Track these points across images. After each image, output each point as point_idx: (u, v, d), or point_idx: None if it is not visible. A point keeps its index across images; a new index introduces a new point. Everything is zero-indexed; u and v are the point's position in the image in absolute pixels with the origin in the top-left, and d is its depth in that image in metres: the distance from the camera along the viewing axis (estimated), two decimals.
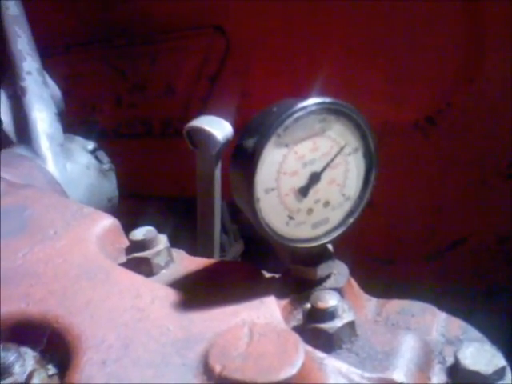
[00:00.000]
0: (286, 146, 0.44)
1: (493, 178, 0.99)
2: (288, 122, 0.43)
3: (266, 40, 1.04)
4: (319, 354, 0.41)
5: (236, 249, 1.18)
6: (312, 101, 0.44)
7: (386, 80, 1.00)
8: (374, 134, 0.48)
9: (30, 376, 0.38)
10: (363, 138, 0.47)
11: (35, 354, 0.40)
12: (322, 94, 0.47)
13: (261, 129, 0.43)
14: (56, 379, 0.40)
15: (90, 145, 0.82)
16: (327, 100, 0.45)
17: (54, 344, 0.40)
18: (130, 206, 1.06)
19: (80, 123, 1.12)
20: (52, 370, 0.40)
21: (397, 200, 1.07)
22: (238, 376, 0.36)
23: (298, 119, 0.44)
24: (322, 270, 0.49)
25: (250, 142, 0.44)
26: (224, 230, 1.18)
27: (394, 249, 1.10)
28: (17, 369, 0.38)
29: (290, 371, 0.36)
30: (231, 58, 1.08)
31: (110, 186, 0.84)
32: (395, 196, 1.06)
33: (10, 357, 0.38)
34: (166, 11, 1.11)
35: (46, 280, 0.46)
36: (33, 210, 0.53)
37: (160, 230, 0.54)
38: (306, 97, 0.44)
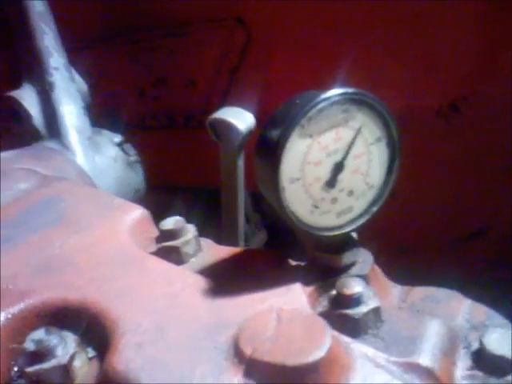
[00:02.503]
0: (310, 136, 0.45)
1: None
2: (311, 112, 0.44)
3: (287, 31, 1.05)
4: (345, 339, 0.42)
5: (259, 238, 1.20)
6: (335, 91, 0.45)
7: (409, 66, 0.99)
8: (397, 122, 0.49)
9: (72, 358, 0.40)
10: (386, 127, 0.48)
11: (76, 337, 0.42)
12: (344, 83, 0.48)
13: (285, 120, 0.44)
14: (95, 361, 0.42)
15: (117, 138, 0.84)
16: (350, 90, 0.45)
17: (92, 328, 0.43)
18: (156, 196, 1.08)
19: (105, 116, 1.14)
20: (91, 352, 0.42)
21: (418, 188, 1.06)
22: (267, 358, 0.37)
23: (321, 110, 0.44)
24: (346, 258, 0.51)
25: (274, 133, 0.45)
26: (247, 219, 1.20)
27: (415, 238, 1.10)
28: (59, 351, 0.40)
29: (318, 354, 0.37)
30: (252, 49, 1.09)
31: (136, 178, 0.86)
32: (416, 184, 1.05)
33: (53, 340, 0.40)
34: (187, 4, 1.12)
35: (82, 268, 0.48)
36: (68, 202, 0.55)
37: (186, 220, 0.55)
38: (328, 88, 0.45)
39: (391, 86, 1.00)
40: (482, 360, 0.42)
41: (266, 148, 0.45)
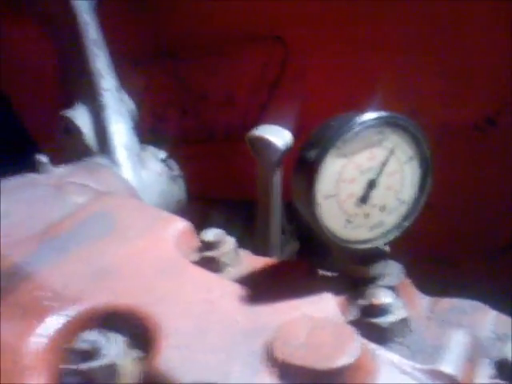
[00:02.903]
0: (345, 156, 0.48)
1: None
2: (347, 135, 0.47)
3: (325, 48, 1.08)
4: (372, 346, 0.45)
5: (292, 247, 1.22)
6: (370, 116, 0.48)
7: (443, 81, 1.01)
8: (432, 138, 0.51)
9: (120, 358, 0.45)
10: (419, 147, 0.50)
11: (123, 339, 0.46)
12: (379, 105, 0.51)
13: (322, 141, 0.47)
14: (140, 362, 0.46)
15: (162, 154, 0.90)
16: (384, 114, 0.48)
17: (138, 331, 0.47)
18: (196, 207, 1.13)
19: (149, 131, 1.21)
20: (137, 353, 0.47)
21: (456, 200, 1.07)
22: (298, 362, 0.41)
23: (356, 133, 0.47)
24: (376, 269, 0.53)
25: (311, 154, 0.48)
26: (282, 231, 1.23)
27: (453, 249, 1.10)
28: (109, 351, 0.44)
29: (346, 360, 0.40)
30: (290, 66, 1.13)
31: (179, 190, 0.91)
32: (454, 197, 1.06)
33: (103, 340, 0.45)
34: (227, 23, 1.18)
35: (129, 276, 0.53)
36: (117, 216, 0.61)
37: (225, 231, 0.59)
38: (364, 111, 0.48)
39: (427, 101, 1.02)
40: (505, 369, 0.44)
41: (304, 167, 0.49)
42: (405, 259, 0.56)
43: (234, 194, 1.30)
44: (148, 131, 1.14)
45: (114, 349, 0.45)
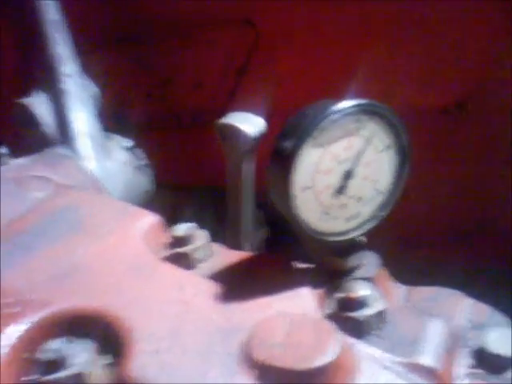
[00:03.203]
0: (322, 146, 0.46)
1: None
2: (323, 124, 0.45)
3: (295, 33, 1.06)
4: (351, 340, 0.44)
5: (261, 234, 1.21)
6: (347, 103, 0.46)
7: (415, 66, 1.00)
8: (405, 123, 0.50)
9: (88, 366, 0.42)
10: (396, 135, 0.49)
11: (92, 345, 0.44)
12: (355, 92, 0.49)
13: (297, 131, 0.46)
14: (111, 369, 0.44)
15: (127, 142, 0.86)
16: (362, 102, 0.46)
17: (108, 336, 0.44)
18: (164, 196, 1.10)
19: (112, 118, 1.16)
20: (107, 360, 0.44)
21: (425, 184, 1.07)
22: (278, 364, 0.39)
23: (333, 121, 0.46)
24: (352, 261, 0.52)
25: (287, 144, 0.46)
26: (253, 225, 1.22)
27: (422, 232, 1.11)
28: (75, 359, 0.42)
29: (326, 359, 0.39)
30: (259, 51, 1.10)
31: (146, 180, 0.88)
32: (422, 179, 1.07)
33: (70, 348, 0.42)
34: (195, 6, 1.13)
35: (98, 276, 0.50)
36: (83, 211, 0.58)
37: (195, 220, 0.57)
38: (340, 98, 0.46)
39: (398, 85, 1.01)
40: (483, 359, 0.44)
41: (279, 159, 0.47)
42: (375, 241, 0.55)
43: (204, 181, 1.27)
44: (111, 118, 1.09)
45: (81, 357, 0.43)
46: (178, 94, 1.23)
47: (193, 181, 1.29)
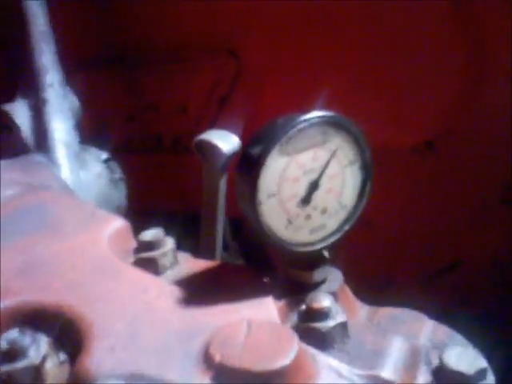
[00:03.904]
0: (289, 154, 0.48)
1: (490, 202, 1.02)
2: (291, 132, 0.47)
3: (277, 66, 1.09)
4: (312, 350, 0.43)
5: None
6: (314, 114, 0.48)
7: (386, 105, 1.04)
8: (373, 156, 0.52)
9: (44, 359, 0.41)
10: (360, 151, 0.51)
11: (49, 339, 0.43)
12: (324, 107, 0.51)
13: (266, 138, 0.47)
14: (67, 364, 0.43)
15: (104, 155, 0.86)
16: (328, 114, 0.49)
17: (66, 332, 0.43)
18: (133, 218, 1.09)
19: (92, 137, 1.16)
20: (63, 356, 0.43)
21: (394, 221, 1.09)
22: (235, 364, 0.39)
23: (300, 130, 0.47)
24: (317, 275, 0.53)
25: (255, 150, 0.47)
26: (225, 246, 1.21)
27: (389, 270, 1.12)
28: (31, 352, 0.41)
29: (285, 361, 0.39)
30: (242, 81, 1.13)
31: (119, 195, 0.87)
32: (393, 217, 1.08)
33: (26, 340, 0.41)
34: (180, 33, 1.17)
35: (60, 273, 0.49)
36: (51, 210, 0.57)
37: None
38: (309, 111, 0.48)
39: (369, 121, 1.04)
40: (442, 375, 0.44)
41: (247, 163, 0.48)
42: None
43: (177, 208, 1.27)
44: (90, 137, 1.10)
45: (37, 350, 0.42)
46: (161, 117, 1.25)
47: (165, 206, 1.29)
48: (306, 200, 0.50)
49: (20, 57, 0.88)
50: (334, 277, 0.54)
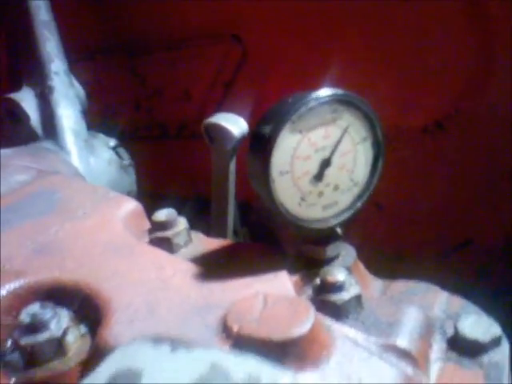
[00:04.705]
0: (300, 132, 0.48)
1: (499, 181, 1.02)
2: (302, 110, 0.47)
3: (282, 49, 1.09)
4: (327, 321, 0.44)
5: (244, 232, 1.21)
6: (324, 92, 0.48)
7: (396, 86, 1.03)
8: (382, 125, 0.52)
9: (65, 332, 0.42)
10: (372, 128, 0.51)
11: (69, 313, 0.44)
12: (334, 85, 0.51)
13: (277, 116, 0.47)
14: (87, 338, 0.43)
15: (112, 142, 0.87)
16: (339, 92, 0.49)
17: (85, 307, 0.44)
18: (147, 204, 1.10)
19: (99, 126, 1.17)
20: (84, 329, 0.44)
21: (405, 202, 1.09)
22: (253, 334, 0.39)
23: (311, 108, 0.48)
24: (330, 250, 0.53)
25: (266, 128, 0.48)
26: (235, 231, 1.22)
27: (400, 249, 1.13)
28: (53, 325, 0.41)
29: (301, 330, 0.39)
30: (247, 65, 1.13)
31: (129, 181, 0.88)
32: (404, 198, 1.09)
33: (47, 314, 0.42)
34: (185, 21, 1.17)
35: (76, 253, 0.50)
36: (63, 193, 0.57)
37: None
38: (319, 88, 0.49)
39: (380, 103, 1.04)
40: (457, 343, 0.45)
41: (258, 142, 0.48)
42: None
43: (186, 192, 1.27)
44: (97, 126, 1.10)
45: (58, 323, 0.42)
46: (166, 105, 1.25)
47: (174, 191, 1.29)
48: (319, 177, 0.50)
49: (24, 46, 0.88)
50: (347, 252, 0.55)
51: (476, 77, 0.97)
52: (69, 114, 0.84)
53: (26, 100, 0.84)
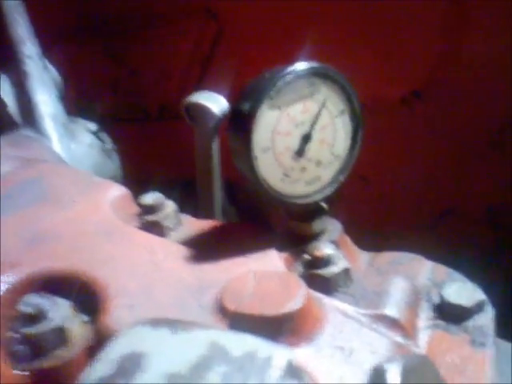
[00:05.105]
0: (279, 108, 0.48)
1: (480, 148, 1.04)
2: (279, 84, 0.47)
3: (258, 22, 1.08)
4: (318, 295, 0.45)
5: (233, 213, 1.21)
6: (301, 65, 0.49)
7: (373, 56, 1.04)
8: (364, 108, 0.52)
9: (66, 320, 0.42)
10: (349, 101, 0.52)
11: (69, 302, 0.44)
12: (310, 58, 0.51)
13: (255, 93, 0.48)
14: (89, 325, 0.44)
15: (92, 126, 0.86)
16: (314, 64, 0.49)
17: (83, 295, 0.45)
18: (133, 189, 1.10)
19: (78, 110, 1.15)
20: (84, 317, 0.45)
21: (387, 173, 1.11)
22: (248, 311, 0.40)
23: (288, 82, 0.48)
24: (316, 225, 0.54)
25: (245, 106, 0.48)
26: (222, 211, 1.22)
27: (385, 220, 1.15)
28: (53, 314, 0.42)
29: (294, 306, 0.41)
30: (223, 40, 1.12)
31: (113, 165, 0.87)
32: (385, 169, 1.10)
33: (46, 304, 0.42)
34: None
35: (68, 240, 0.50)
36: (50, 181, 0.57)
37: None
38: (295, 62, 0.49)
39: (358, 74, 1.05)
40: (442, 310, 0.47)
41: (238, 120, 0.49)
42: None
43: (172, 175, 1.27)
44: (76, 110, 1.08)
45: (60, 312, 0.43)
46: (144, 85, 1.23)
47: (158, 173, 1.29)
48: (300, 153, 0.50)
49: None
50: (333, 227, 0.56)
51: (450, 40, 0.98)
52: (45, 99, 0.82)
53: (2, 87, 0.83)
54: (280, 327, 0.40)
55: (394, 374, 0.20)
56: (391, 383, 0.20)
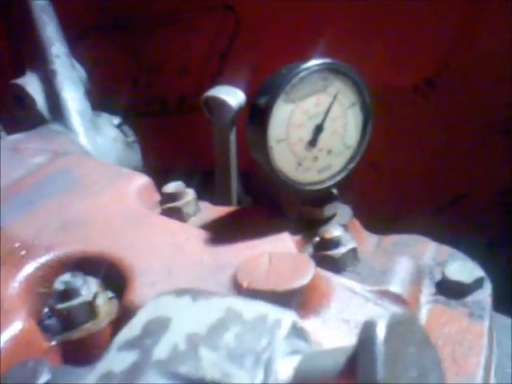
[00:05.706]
0: (293, 102, 0.52)
1: (492, 135, 1.05)
2: (294, 81, 0.51)
3: (275, 16, 1.11)
4: (326, 273, 0.49)
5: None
6: (315, 62, 0.52)
7: (386, 46, 1.06)
8: (377, 99, 0.56)
9: (95, 297, 0.47)
10: (360, 93, 0.55)
11: (97, 280, 0.49)
12: (323, 54, 0.55)
13: (272, 88, 0.51)
14: (115, 301, 0.49)
15: (116, 120, 0.91)
16: (328, 61, 0.53)
17: (110, 274, 0.49)
18: (153, 179, 1.14)
19: (99, 105, 1.20)
20: (111, 294, 0.49)
21: (400, 160, 1.13)
22: (261, 287, 0.44)
23: (302, 78, 0.51)
24: (327, 210, 0.58)
25: (262, 100, 0.52)
26: (239, 201, 1.26)
27: (397, 206, 1.17)
28: (84, 291, 0.47)
29: (303, 281, 0.44)
30: (241, 35, 1.15)
31: (135, 157, 0.92)
32: (398, 157, 1.13)
33: (78, 281, 0.47)
34: None
35: (97, 226, 0.55)
36: (78, 172, 0.62)
37: None
38: (309, 59, 0.52)
39: (371, 64, 1.07)
40: (444, 287, 0.50)
41: (256, 113, 0.52)
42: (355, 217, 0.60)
43: (190, 166, 1.31)
44: (97, 104, 1.13)
45: (89, 288, 0.48)
46: (164, 80, 1.28)
47: (177, 164, 1.33)
48: (313, 143, 0.54)
49: (24, 32, 0.91)
50: (343, 211, 0.59)
51: (464, 28, 0.99)
52: (73, 95, 0.87)
53: (31, 84, 0.88)
54: (289, 301, 0.44)
55: (380, 327, 0.24)
56: (378, 334, 0.23)
